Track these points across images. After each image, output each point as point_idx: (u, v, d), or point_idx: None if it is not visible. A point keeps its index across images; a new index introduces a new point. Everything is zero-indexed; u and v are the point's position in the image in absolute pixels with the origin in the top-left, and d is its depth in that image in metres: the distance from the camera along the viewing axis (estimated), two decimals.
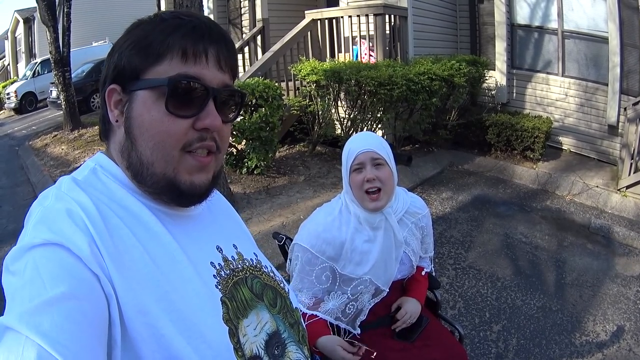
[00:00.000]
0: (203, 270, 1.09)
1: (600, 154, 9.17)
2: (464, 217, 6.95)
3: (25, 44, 28.79)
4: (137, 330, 0.90)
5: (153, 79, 1.03)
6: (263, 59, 9.26)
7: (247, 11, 12.78)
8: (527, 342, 4.24)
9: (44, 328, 0.76)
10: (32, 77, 21.54)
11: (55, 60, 12.27)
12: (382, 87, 7.54)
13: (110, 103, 1.09)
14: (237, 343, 1.05)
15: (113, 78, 1.08)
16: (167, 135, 1.03)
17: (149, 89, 1.04)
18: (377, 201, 2.34)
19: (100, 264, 0.89)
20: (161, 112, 1.03)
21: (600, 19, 8.95)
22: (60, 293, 0.81)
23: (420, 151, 9.43)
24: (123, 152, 1.09)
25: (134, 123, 1.05)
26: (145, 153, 1.04)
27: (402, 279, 2.63)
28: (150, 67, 1.04)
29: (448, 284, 5.11)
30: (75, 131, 12.36)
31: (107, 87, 1.09)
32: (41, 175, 9.42)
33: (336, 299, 2.40)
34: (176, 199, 1.10)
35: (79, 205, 0.96)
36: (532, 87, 10.30)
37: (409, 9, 9.69)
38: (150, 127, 1.04)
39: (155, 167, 1.05)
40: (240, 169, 7.68)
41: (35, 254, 0.86)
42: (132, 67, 1.05)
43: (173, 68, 1.03)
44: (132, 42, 1.06)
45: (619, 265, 5.69)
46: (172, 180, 1.06)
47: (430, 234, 2.72)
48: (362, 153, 2.34)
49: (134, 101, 1.05)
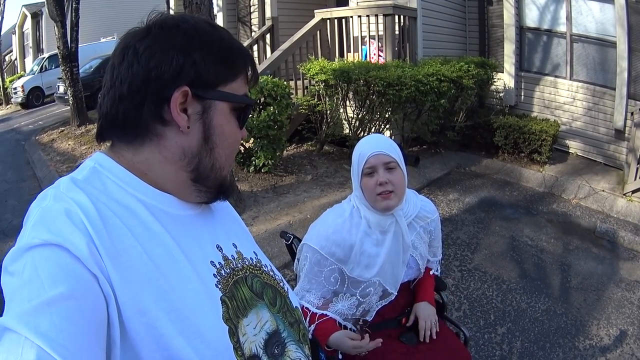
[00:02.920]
0: (203, 270, 1.09)
1: (607, 158, 9.15)
2: (470, 219, 6.96)
3: (33, 39, 28.78)
4: (136, 330, 0.91)
5: (238, 96, 1.14)
6: (272, 57, 9.26)
7: (256, 9, 12.79)
8: (531, 345, 4.24)
9: (43, 329, 0.77)
10: (40, 72, 21.56)
11: (63, 56, 12.31)
12: (390, 88, 7.54)
13: (176, 106, 1.05)
14: (236, 342, 1.05)
15: (190, 81, 1.05)
16: (237, 146, 1.23)
17: (227, 101, 1.12)
18: (388, 200, 2.33)
19: (98, 264, 0.90)
20: (235, 125, 1.17)
21: (608, 23, 8.94)
22: (59, 293, 0.81)
23: (428, 152, 9.43)
24: (187, 154, 1.10)
25: (216, 131, 1.12)
26: (220, 159, 1.15)
27: (410, 281, 2.64)
28: (230, 82, 1.12)
29: (454, 286, 5.12)
30: (82, 127, 12.38)
31: (178, 89, 1.04)
32: (47, 170, 9.43)
33: (345, 300, 2.41)
34: (222, 195, 1.23)
35: (78, 205, 0.96)
36: (540, 90, 10.29)
37: (419, 9, 9.68)
38: (229, 137, 1.15)
39: (224, 170, 1.18)
40: (247, 167, 7.70)
41: (33, 254, 0.86)
42: (212, 76, 1.08)
43: (241, 87, 1.15)
44: (209, 50, 1.07)
45: (623, 269, 5.68)
46: (224, 180, 1.20)
47: (438, 237, 2.71)
48: (373, 156, 2.32)
49: (215, 110, 1.10)
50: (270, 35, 11.30)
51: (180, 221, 1.13)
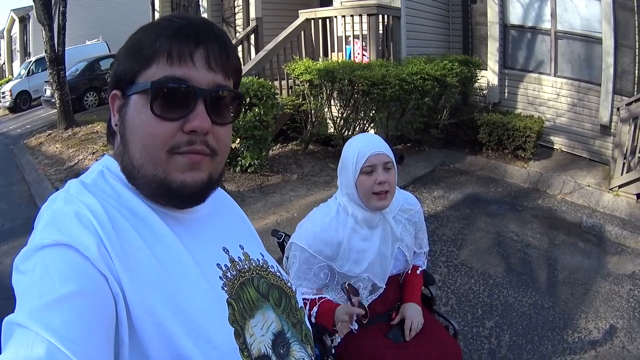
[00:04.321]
0: (209, 272, 1.10)
1: (592, 154, 9.23)
2: (455, 215, 6.99)
3: (21, 43, 28.65)
4: (145, 330, 0.92)
5: (141, 83, 1.05)
6: (257, 57, 9.29)
7: (241, 10, 12.81)
8: (520, 339, 4.27)
9: (54, 325, 0.77)
10: (27, 76, 21.44)
11: (50, 59, 12.24)
12: (375, 87, 7.58)
13: (114, 108, 1.12)
14: (242, 344, 1.06)
15: (114, 84, 1.11)
16: (153, 138, 1.03)
17: (139, 93, 1.05)
18: (384, 200, 2.41)
19: (108, 264, 0.91)
20: (148, 115, 1.03)
21: (594, 19, 9.00)
22: (69, 291, 0.82)
23: (412, 150, 9.48)
24: (118, 155, 1.12)
25: (127, 127, 1.07)
26: (135, 156, 1.05)
27: (398, 274, 2.69)
28: (142, 71, 1.05)
29: (440, 281, 5.14)
30: (69, 130, 12.31)
31: (110, 93, 1.12)
32: (36, 173, 9.39)
33: (335, 291, 2.48)
34: (170, 200, 1.09)
35: (88, 207, 0.97)
36: (524, 87, 10.36)
37: (402, 9, 9.73)
38: (139, 130, 1.05)
39: (145, 169, 1.05)
40: (233, 167, 7.70)
41: (44, 254, 0.88)
42: (127, 71, 1.07)
43: (160, 71, 1.03)
44: (127, 47, 1.10)
45: (610, 263, 5.72)
46: (163, 181, 1.05)
47: (423, 229, 2.79)
48: (374, 155, 2.38)
49: (128, 105, 1.07)
50: (254, 35, 11.35)
51: (187, 224, 1.15)
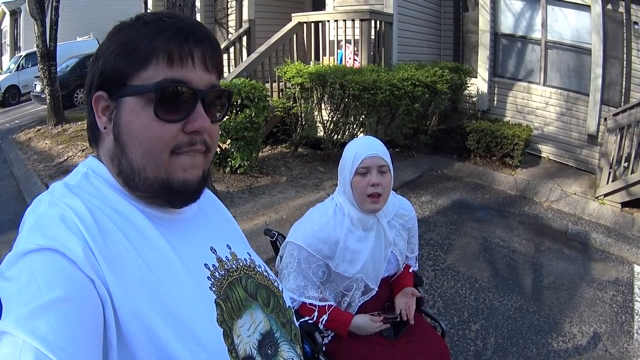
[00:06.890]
0: (197, 273, 1.09)
1: (579, 163, 9.36)
2: (442, 220, 7.04)
3: (11, 37, 28.25)
4: (133, 333, 0.91)
5: (140, 86, 1.03)
6: (249, 59, 9.28)
7: (234, 11, 12.82)
8: (505, 341, 4.33)
9: (41, 331, 0.77)
10: (17, 71, 21.24)
11: (41, 54, 12.14)
12: (366, 92, 7.62)
13: (98, 110, 1.08)
14: (231, 344, 1.06)
15: (99, 85, 1.07)
16: (157, 141, 1.03)
17: (136, 95, 1.03)
18: (377, 204, 2.44)
19: (95, 268, 0.90)
20: (150, 118, 1.02)
21: (584, 30, 9.14)
22: (56, 297, 0.81)
23: (401, 155, 9.52)
24: (113, 159, 1.09)
25: (123, 130, 1.05)
26: (135, 159, 1.04)
27: (389, 277, 2.76)
28: (137, 73, 1.03)
29: (427, 284, 5.18)
30: (59, 126, 12.23)
31: (94, 94, 1.08)
32: (25, 169, 9.29)
33: (331, 290, 2.54)
34: (171, 199, 1.10)
35: (73, 210, 0.96)
36: (513, 95, 10.48)
37: (395, 15, 9.79)
38: (139, 134, 1.03)
39: (147, 172, 1.05)
40: (223, 167, 7.70)
41: (30, 259, 0.86)
42: (117, 73, 1.04)
43: (159, 73, 1.02)
44: (116, 47, 1.05)
45: (595, 270, 5.81)
46: (165, 181, 1.06)
47: (415, 234, 2.88)
48: (369, 157, 2.42)
49: (122, 108, 1.04)
50: (247, 37, 11.33)
51: (173, 224, 1.14)
